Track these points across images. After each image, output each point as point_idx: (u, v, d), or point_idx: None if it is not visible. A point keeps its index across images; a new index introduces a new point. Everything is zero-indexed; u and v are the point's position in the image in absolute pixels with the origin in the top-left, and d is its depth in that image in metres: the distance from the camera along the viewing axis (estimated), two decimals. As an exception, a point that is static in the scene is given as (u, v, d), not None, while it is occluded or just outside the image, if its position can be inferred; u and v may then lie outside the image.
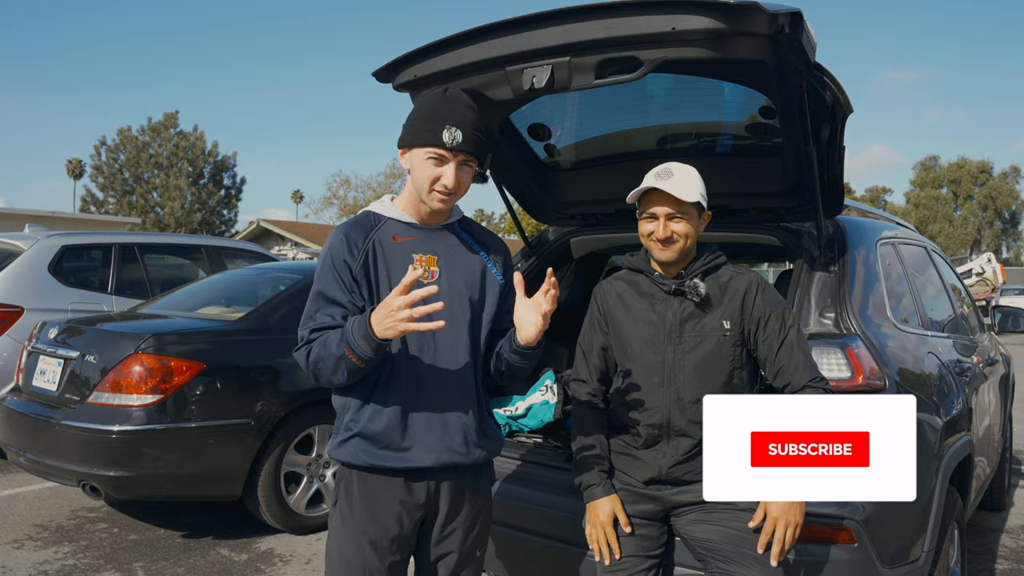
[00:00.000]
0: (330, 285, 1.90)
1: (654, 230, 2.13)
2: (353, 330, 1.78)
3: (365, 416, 1.91)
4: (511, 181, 3.45)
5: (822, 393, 2.09)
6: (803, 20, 2.08)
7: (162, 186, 36.25)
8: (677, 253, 2.13)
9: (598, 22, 2.20)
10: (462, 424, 1.95)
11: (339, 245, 1.92)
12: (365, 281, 1.90)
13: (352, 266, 1.90)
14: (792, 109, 2.46)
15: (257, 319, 4.44)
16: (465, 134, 1.87)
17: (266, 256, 7.96)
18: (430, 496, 1.97)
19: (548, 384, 3.29)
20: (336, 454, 1.95)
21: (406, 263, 1.91)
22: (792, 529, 2.01)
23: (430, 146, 1.87)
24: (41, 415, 4.15)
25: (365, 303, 1.90)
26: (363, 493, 1.94)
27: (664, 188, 2.07)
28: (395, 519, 1.94)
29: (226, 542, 4.21)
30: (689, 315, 2.16)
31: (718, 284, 2.18)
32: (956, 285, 4.41)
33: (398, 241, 1.95)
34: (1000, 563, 4.08)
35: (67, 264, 6.39)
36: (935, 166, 60.86)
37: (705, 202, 2.16)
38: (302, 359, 1.89)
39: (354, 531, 1.94)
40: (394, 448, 1.90)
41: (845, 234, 2.84)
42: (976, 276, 20.41)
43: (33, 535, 4.23)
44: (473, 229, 2.09)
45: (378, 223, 1.97)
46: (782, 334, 2.13)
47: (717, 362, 2.14)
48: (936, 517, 2.52)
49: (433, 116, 1.88)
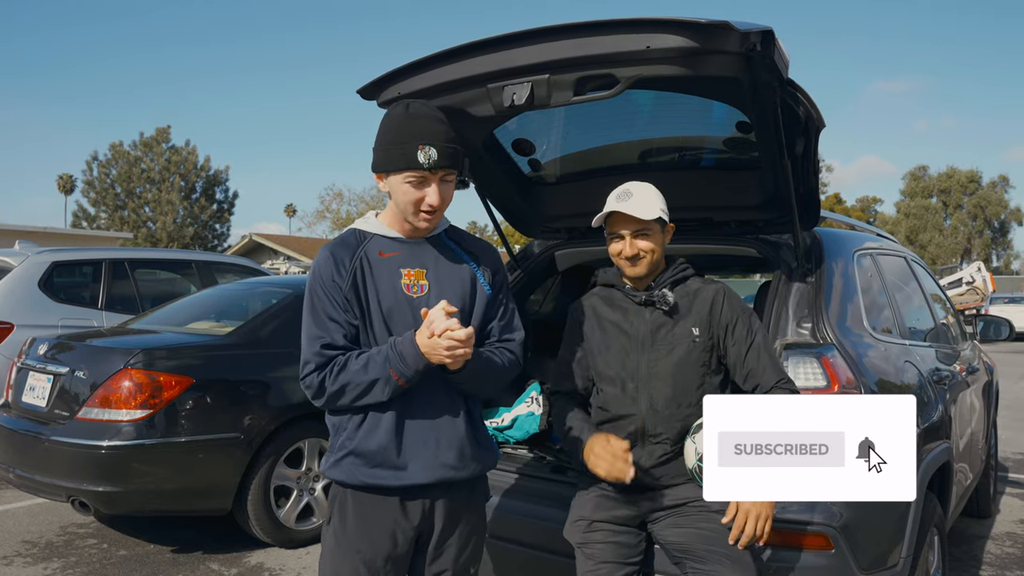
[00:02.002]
0: (324, 305, 1.89)
1: (622, 249, 2.24)
2: (403, 353, 1.80)
3: (360, 434, 1.89)
4: (496, 195, 3.49)
5: (788, 393, 2.15)
6: (774, 38, 2.14)
7: (154, 201, 36.25)
8: (646, 268, 2.24)
9: (576, 41, 2.26)
10: (458, 438, 1.94)
11: (326, 265, 1.91)
12: (355, 299, 1.89)
13: (342, 285, 1.89)
14: (767, 124, 2.52)
15: (246, 334, 4.46)
16: (439, 150, 1.84)
17: (256, 271, 7.99)
18: (425, 514, 1.96)
19: (533, 395, 3.33)
20: (331, 473, 1.94)
21: (393, 278, 1.92)
22: (762, 521, 2.05)
23: (407, 170, 1.85)
24: (30, 431, 4.16)
25: (359, 321, 1.90)
26: (357, 512, 1.93)
27: (624, 210, 2.18)
28: (390, 538, 1.93)
29: (216, 556, 4.22)
30: (660, 324, 2.25)
31: (687, 294, 2.28)
32: (938, 295, 4.46)
33: (385, 256, 1.94)
34: (985, 569, 4.12)
35: (57, 280, 6.41)
36: (925, 176, 61.26)
37: (667, 216, 2.26)
38: (315, 384, 1.86)
39: (348, 550, 1.93)
40: (390, 466, 1.89)
41: (822, 246, 2.90)
42: (966, 285, 20.53)
43: (22, 551, 4.23)
44: (461, 238, 2.08)
45: (364, 240, 1.96)
46: (749, 338, 2.22)
47: (688, 368, 2.22)
48: (914, 523, 2.55)
49: (403, 138, 1.85)
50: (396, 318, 1.91)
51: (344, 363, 1.84)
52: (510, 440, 3.24)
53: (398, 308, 1.91)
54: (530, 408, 3.29)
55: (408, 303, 1.92)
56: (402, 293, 1.92)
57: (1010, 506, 5.35)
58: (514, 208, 3.60)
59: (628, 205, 2.18)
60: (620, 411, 2.24)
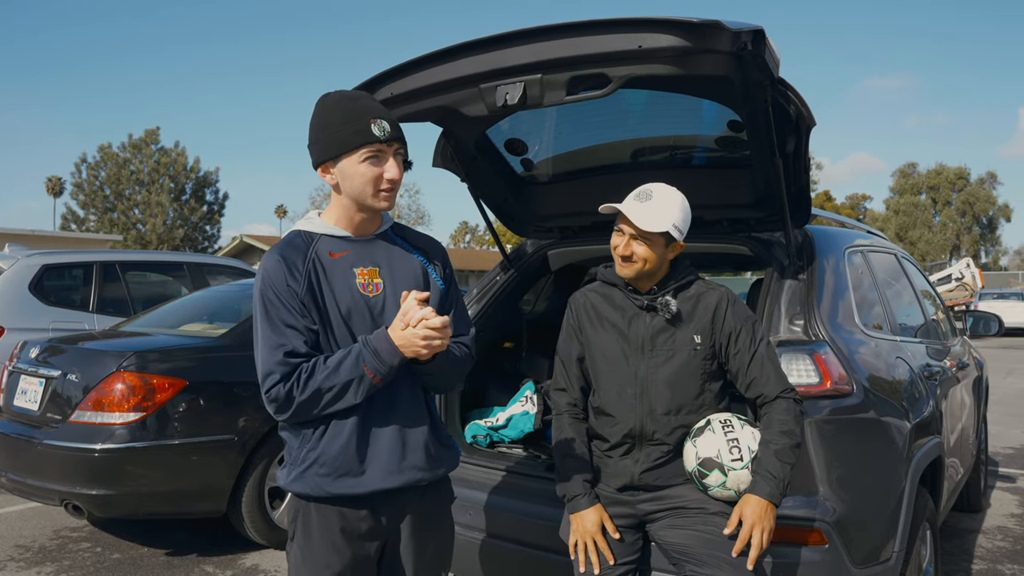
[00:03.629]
0: (280, 312, 1.78)
1: (618, 245, 2.19)
2: (377, 349, 1.75)
3: (324, 442, 1.81)
4: (489, 195, 3.50)
5: (793, 404, 2.15)
6: (765, 37, 2.15)
7: (144, 203, 36.06)
8: (634, 272, 2.18)
9: (568, 40, 2.26)
10: (423, 439, 1.89)
11: (277, 269, 1.80)
12: (312, 304, 1.81)
13: (297, 290, 1.79)
14: (758, 123, 2.53)
15: (239, 335, 4.44)
16: (390, 122, 1.81)
17: (248, 272, 7.96)
18: (391, 521, 1.91)
19: (528, 395, 3.34)
20: (294, 487, 1.85)
21: (348, 278, 1.85)
22: (767, 534, 2.06)
23: (364, 145, 1.78)
24: (23, 435, 4.14)
25: (317, 327, 1.81)
26: (322, 525, 1.85)
27: (628, 215, 2.12)
28: (358, 547, 1.87)
29: (210, 559, 4.21)
30: (661, 329, 2.21)
31: (689, 299, 2.23)
32: (928, 291, 4.50)
33: (335, 257, 1.86)
34: (976, 563, 4.15)
35: (48, 283, 6.37)
36: (914, 173, 61.62)
37: (679, 233, 2.17)
38: (281, 395, 1.75)
39: (315, 566, 1.85)
40: (355, 474, 1.82)
41: (814, 243, 2.91)
42: (955, 281, 20.63)
43: (15, 556, 4.21)
44: (407, 234, 2.03)
45: (312, 241, 1.87)
46: (752, 347, 2.19)
47: (688, 375, 2.20)
48: (906, 518, 2.58)
49: (351, 117, 1.79)
50: (355, 319, 1.84)
51: (311, 369, 1.76)
52: (504, 439, 3.25)
53: (356, 308, 1.84)
54: (525, 407, 3.30)
55: (365, 302, 1.85)
56: (358, 293, 1.85)
57: (1001, 500, 5.40)
58: (507, 208, 3.61)
59: (636, 210, 2.12)
60: (617, 414, 2.22)
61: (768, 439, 2.11)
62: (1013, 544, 4.46)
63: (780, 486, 2.06)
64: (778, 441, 2.09)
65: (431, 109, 2.63)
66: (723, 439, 2.12)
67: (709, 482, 2.13)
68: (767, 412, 2.16)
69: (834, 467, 2.38)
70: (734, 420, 2.18)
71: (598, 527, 2.19)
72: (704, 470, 2.13)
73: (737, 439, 2.12)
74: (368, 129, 1.78)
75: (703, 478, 2.14)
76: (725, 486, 2.12)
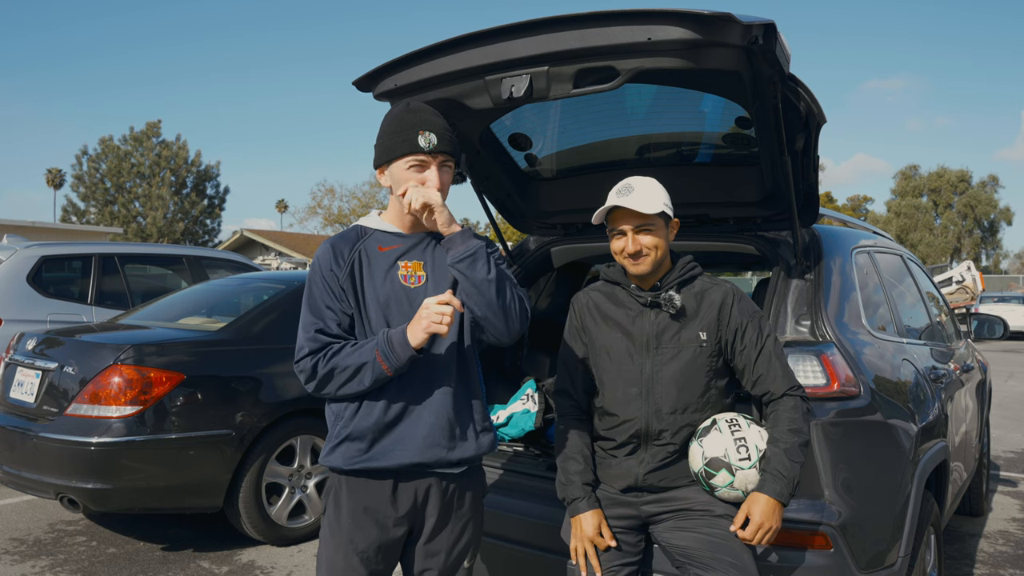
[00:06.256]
0: (321, 293, 1.97)
1: (624, 246, 2.16)
2: (391, 338, 1.88)
3: (355, 421, 1.95)
4: (492, 191, 3.46)
5: (800, 402, 2.12)
6: (776, 31, 2.11)
7: (144, 196, 35.94)
8: (650, 266, 2.15)
9: (575, 32, 2.23)
10: (449, 420, 1.97)
11: (326, 256, 1.99)
12: (351, 289, 1.96)
13: (339, 275, 1.96)
14: (767, 119, 2.49)
15: (238, 329, 4.41)
16: (439, 136, 1.94)
17: (248, 266, 7.93)
18: (417, 506, 1.99)
19: (529, 393, 3.30)
20: (328, 461, 1.99)
21: (391, 271, 1.98)
22: (772, 534, 2.03)
23: (409, 154, 1.93)
24: (19, 427, 4.10)
25: (353, 311, 1.96)
26: (351, 500, 1.97)
27: (625, 205, 2.10)
28: (382, 527, 1.96)
29: (207, 554, 4.17)
30: (666, 327, 2.18)
31: (693, 295, 2.20)
32: (933, 293, 4.46)
33: (384, 251, 2.00)
34: (978, 568, 4.12)
35: (46, 275, 6.34)
36: (915, 175, 61.50)
37: (670, 211, 2.18)
38: (308, 368, 1.93)
39: (341, 541, 1.97)
40: (382, 449, 1.94)
41: (821, 243, 2.88)
42: (956, 284, 20.62)
43: (10, 549, 4.18)
44: None
45: (365, 235, 2.04)
46: (759, 344, 2.15)
47: (694, 373, 2.16)
48: (912, 522, 2.55)
49: (404, 127, 1.95)
50: (393, 308, 1.96)
51: (338, 349, 1.93)
52: (505, 437, 3.21)
53: (395, 298, 1.97)
54: (525, 405, 3.26)
55: (405, 293, 1.97)
56: (399, 283, 1.98)
57: (1002, 504, 5.37)
58: (510, 204, 3.57)
59: (629, 199, 2.10)
60: (622, 413, 2.18)
61: (776, 437, 2.07)
62: (1014, 549, 4.43)
63: (789, 485, 2.03)
64: (787, 439, 2.05)
65: (435, 101, 2.58)
66: (730, 438, 2.09)
67: (716, 482, 2.10)
68: (774, 410, 2.12)
69: (840, 470, 2.35)
70: (740, 419, 2.14)
71: (595, 531, 2.16)
72: (711, 470, 2.09)
73: (744, 438, 2.08)
74: (414, 139, 1.93)
75: (710, 478, 2.10)
76: (733, 486, 2.09)
